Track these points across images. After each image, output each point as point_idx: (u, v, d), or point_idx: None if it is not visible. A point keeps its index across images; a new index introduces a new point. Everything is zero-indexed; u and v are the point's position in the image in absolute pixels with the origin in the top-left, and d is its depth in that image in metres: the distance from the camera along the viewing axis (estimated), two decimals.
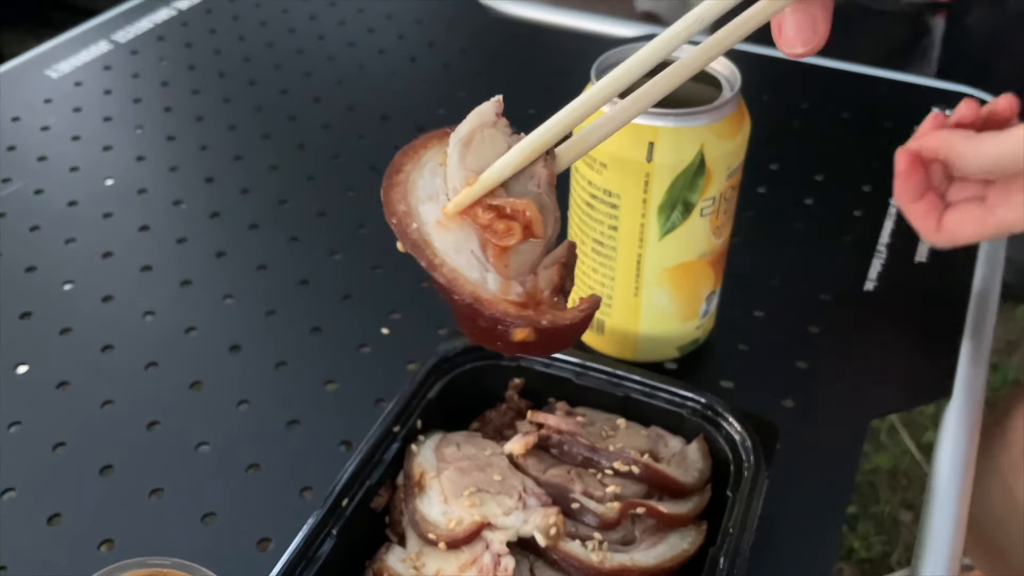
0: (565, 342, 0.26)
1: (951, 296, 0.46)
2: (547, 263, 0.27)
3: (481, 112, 0.29)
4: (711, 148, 0.36)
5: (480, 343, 0.27)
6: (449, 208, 0.26)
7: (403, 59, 0.68)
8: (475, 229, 0.26)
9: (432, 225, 0.26)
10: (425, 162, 0.29)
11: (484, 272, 0.26)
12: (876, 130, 0.59)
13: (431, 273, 0.26)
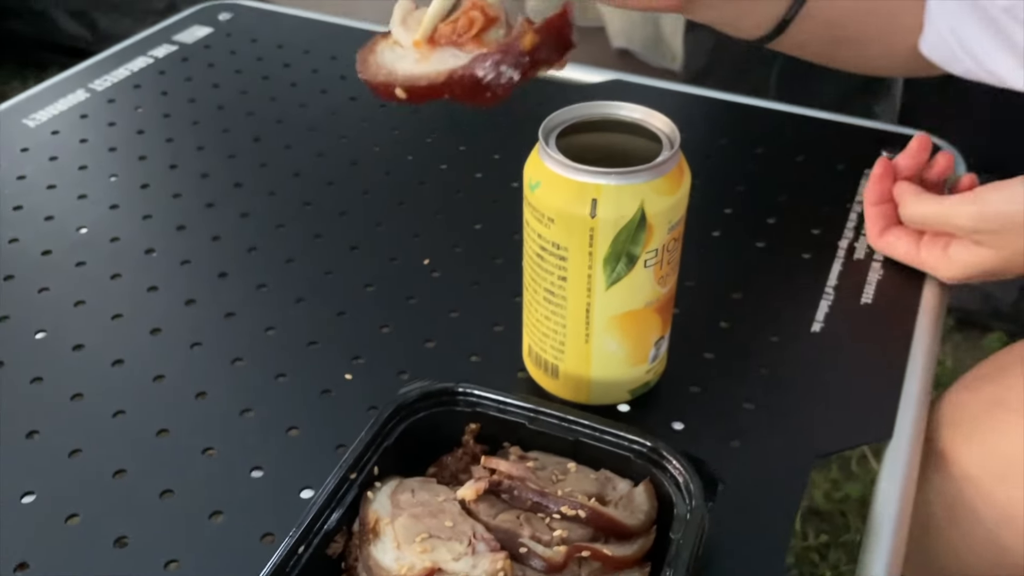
0: (567, 31, 0.35)
1: (894, 337, 0.48)
2: (516, 33, 0.36)
3: (401, 5, 0.39)
4: (651, 204, 0.37)
5: (503, 94, 0.37)
6: (419, 38, 0.37)
7: (373, 106, 0.70)
8: (447, 44, 0.36)
9: (413, 65, 0.37)
10: (381, 50, 0.39)
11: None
12: (828, 174, 0.61)
13: (438, 93, 0.36)
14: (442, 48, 0.37)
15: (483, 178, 0.62)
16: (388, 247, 0.55)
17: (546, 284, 0.41)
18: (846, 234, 0.56)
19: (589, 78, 0.73)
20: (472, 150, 0.65)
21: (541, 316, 0.42)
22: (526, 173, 0.40)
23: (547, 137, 0.39)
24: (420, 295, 0.52)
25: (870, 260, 0.54)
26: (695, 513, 0.35)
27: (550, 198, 0.38)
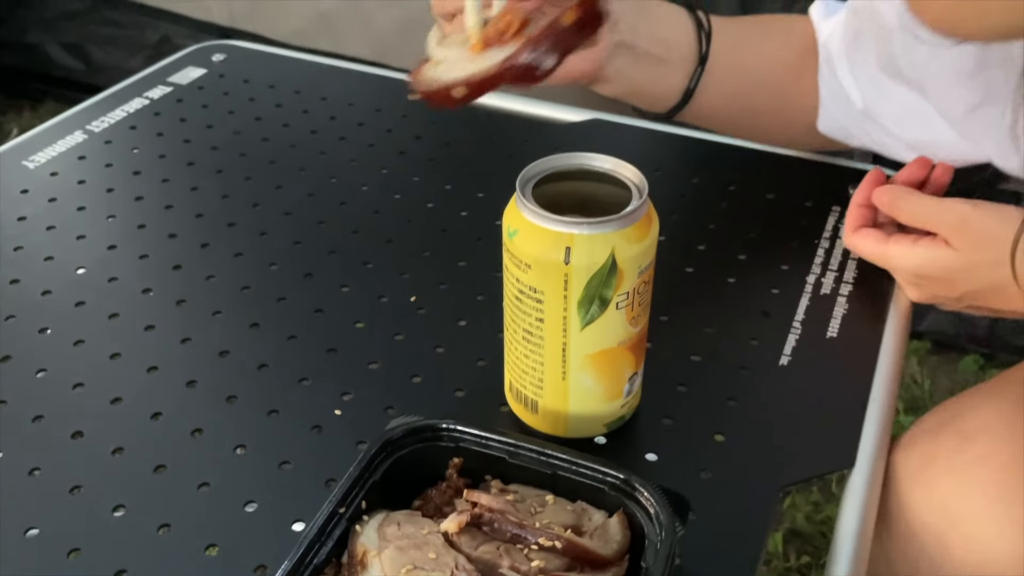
0: (599, 5, 0.47)
1: (857, 370, 0.51)
2: (556, 15, 0.47)
3: (433, 34, 0.52)
4: (621, 251, 0.40)
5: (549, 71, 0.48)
6: (475, 42, 0.48)
7: (363, 145, 0.72)
8: (495, 45, 0.47)
9: (465, 68, 0.47)
10: (425, 71, 0.50)
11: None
12: (798, 210, 0.64)
13: (494, 83, 0.47)
14: (489, 51, 0.47)
15: (468, 216, 0.65)
16: (376, 285, 0.58)
17: (525, 325, 0.43)
18: (814, 269, 0.58)
19: (570, 117, 0.76)
20: (457, 189, 0.68)
21: (520, 354, 0.44)
22: (505, 221, 0.42)
23: (524, 188, 0.42)
24: (407, 332, 0.54)
25: (836, 295, 0.56)
26: (665, 542, 0.37)
27: (527, 245, 0.41)
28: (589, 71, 0.54)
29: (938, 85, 0.51)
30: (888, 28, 0.53)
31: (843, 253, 0.60)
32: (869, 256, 0.57)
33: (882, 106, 0.58)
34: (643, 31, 0.56)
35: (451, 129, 0.75)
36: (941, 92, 0.51)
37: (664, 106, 0.61)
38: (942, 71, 0.51)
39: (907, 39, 0.52)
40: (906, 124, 0.57)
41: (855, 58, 0.58)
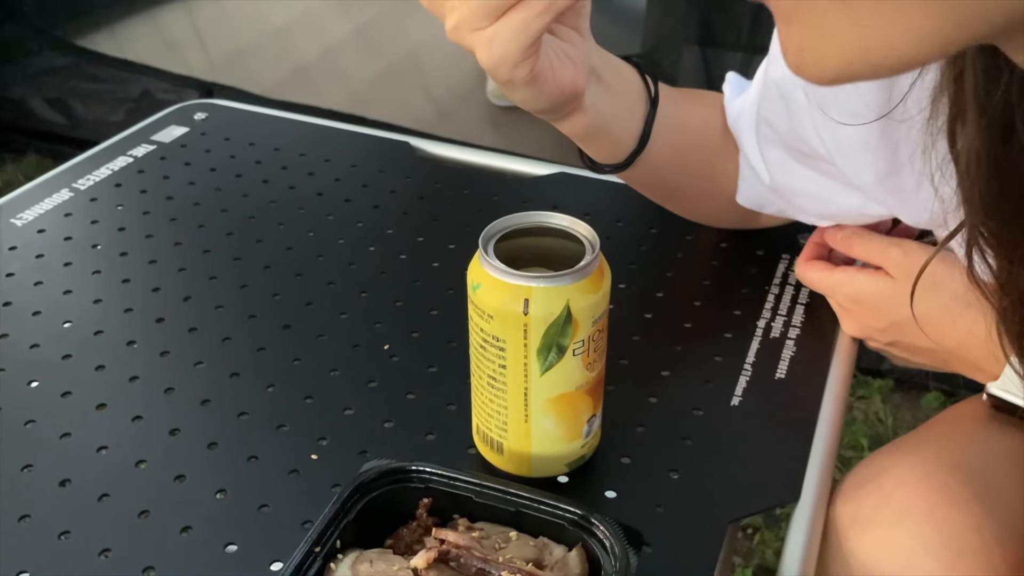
0: None
1: (803, 409, 0.54)
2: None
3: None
4: (576, 302, 0.43)
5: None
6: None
7: (339, 201, 0.76)
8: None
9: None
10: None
11: None
12: (750, 259, 0.68)
13: None
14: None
15: (439, 267, 0.68)
16: (352, 335, 0.61)
17: (489, 371, 0.46)
18: (764, 314, 0.62)
19: (537, 171, 0.80)
20: (430, 241, 0.71)
21: (485, 399, 0.47)
22: (469, 276, 0.45)
23: (486, 245, 0.45)
24: (381, 379, 0.57)
25: (784, 339, 0.60)
26: (619, 572, 0.40)
27: (489, 298, 0.44)
28: (581, 87, 0.52)
29: (847, 157, 0.55)
30: (797, 106, 0.56)
31: (791, 299, 0.64)
32: (816, 282, 0.61)
33: (789, 185, 0.61)
34: (605, 62, 0.56)
35: (424, 183, 0.78)
36: (850, 163, 0.55)
37: (622, 151, 0.60)
38: (850, 144, 0.54)
39: (816, 115, 0.55)
40: (812, 202, 0.61)
41: (763, 137, 0.60)
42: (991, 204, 0.39)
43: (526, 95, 0.49)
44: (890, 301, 0.58)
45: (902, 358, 0.61)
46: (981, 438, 0.58)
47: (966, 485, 0.51)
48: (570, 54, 0.50)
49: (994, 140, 0.38)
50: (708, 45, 1.29)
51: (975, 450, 0.56)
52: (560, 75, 0.49)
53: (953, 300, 0.55)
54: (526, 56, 0.45)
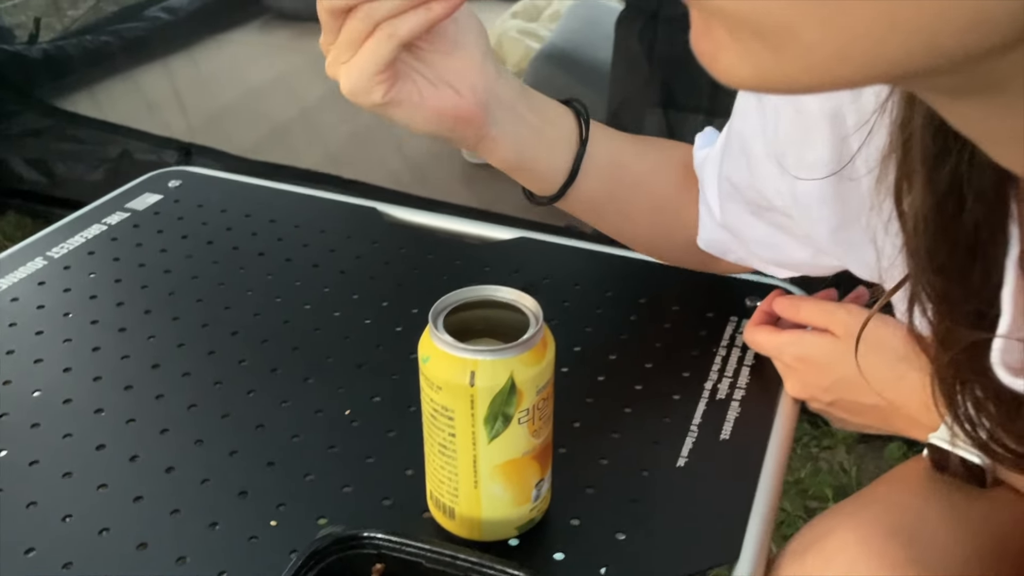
0: None
1: (746, 469, 0.57)
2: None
3: None
4: (520, 373, 0.46)
5: None
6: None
7: (307, 266, 0.78)
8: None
9: None
10: None
11: None
12: (700, 321, 0.71)
13: None
14: None
15: (402, 331, 0.70)
16: (315, 400, 0.63)
17: (439, 439, 0.48)
18: (711, 376, 0.65)
19: (500, 235, 0.83)
20: (393, 305, 0.74)
21: (437, 466, 0.50)
22: (420, 349, 0.48)
23: (435, 320, 0.48)
24: (341, 444, 0.59)
25: (730, 400, 0.63)
26: None
27: (438, 370, 0.46)
28: (465, 111, 0.55)
29: (804, 209, 0.58)
30: (756, 159, 0.59)
31: (738, 360, 0.66)
32: (763, 344, 0.65)
33: (744, 233, 0.64)
34: (528, 100, 0.60)
35: (390, 248, 0.81)
36: (806, 215, 0.58)
37: (551, 186, 0.63)
38: (806, 196, 0.57)
39: (773, 169, 0.59)
40: (767, 251, 0.65)
41: (723, 192, 0.64)
42: (936, 263, 0.41)
43: (399, 118, 0.54)
44: (835, 359, 0.61)
45: (841, 419, 0.63)
46: (920, 500, 0.59)
47: (905, 549, 0.53)
48: (453, 83, 0.55)
49: (941, 205, 0.40)
50: (671, 107, 1.34)
51: (915, 513, 0.58)
52: (432, 100, 0.54)
53: (896, 358, 0.58)
54: (378, 81, 0.51)
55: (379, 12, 0.49)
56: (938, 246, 0.41)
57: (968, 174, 0.38)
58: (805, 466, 1.30)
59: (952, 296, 0.42)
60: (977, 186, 0.38)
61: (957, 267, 0.41)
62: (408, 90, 0.53)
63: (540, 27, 2.32)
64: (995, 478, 0.58)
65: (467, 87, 0.55)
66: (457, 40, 0.55)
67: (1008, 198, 0.39)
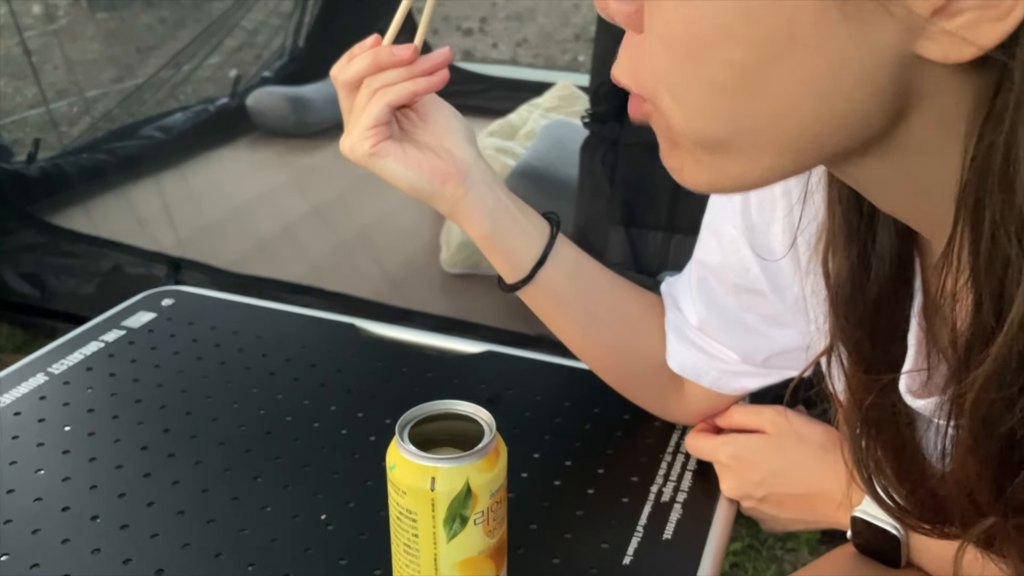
0: None
1: (685, 566, 0.63)
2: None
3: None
4: (475, 479, 0.52)
5: None
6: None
7: (288, 380, 0.85)
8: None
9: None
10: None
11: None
12: (649, 429, 0.77)
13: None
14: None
15: (375, 440, 0.77)
16: (293, 505, 0.68)
17: (404, 539, 0.54)
18: (657, 480, 0.71)
19: (468, 349, 0.90)
20: (368, 416, 0.80)
21: (403, 564, 0.55)
22: (388, 458, 0.55)
23: (401, 431, 0.54)
24: (316, 546, 0.64)
25: (673, 502, 0.69)
26: None
27: (403, 476, 0.53)
28: (441, 171, 0.65)
29: (774, 285, 0.65)
30: (726, 239, 0.66)
31: (682, 466, 0.73)
32: (702, 448, 0.72)
33: (723, 328, 0.69)
34: (496, 179, 0.68)
35: (367, 363, 0.88)
36: (775, 288, 0.64)
37: (521, 268, 0.68)
38: (777, 275, 0.64)
39: (744, 249, 0.65)
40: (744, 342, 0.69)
41: (704, 285, 0.69)
42: (853, 318, 0.48)
43: (384, 170, 0.64)
44: (765, 452, 0.69)
45: (770, 519, 0.70)
46: None
47: None
48: (435, 150, 0.66)
49: (854, 267, 0.48)
50: (632, 225, 1.45)
51: None
52: (413, 156, 0.64)
53: (820, 448, 0.67)
54: (368, 135, 0.63)
55: (376, 82, 0.62)
56: (854, 302, 0.49)
57: (874, 240, 0.47)
58: (770, 568, 1.34)
59: (863, 345, 0.49)
60: (882, 250, 0.48)
61: (869, 318, 0.49)
62: (393, 147, 0.64)
63: (516, 145, 2.46)
64: (908, 560, 0.64)
65: (447, 154, 0.66)
66: (445, 127, 0.67)
67: (911, 258, 0.48)
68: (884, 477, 0.50)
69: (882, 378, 0.48)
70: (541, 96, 2.80)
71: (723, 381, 0.71)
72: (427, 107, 0.67)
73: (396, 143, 0.64)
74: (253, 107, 2.72)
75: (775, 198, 0.62)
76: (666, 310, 0.74)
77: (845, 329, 0.50)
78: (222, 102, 2.76)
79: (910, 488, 0.50)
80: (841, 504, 0.65)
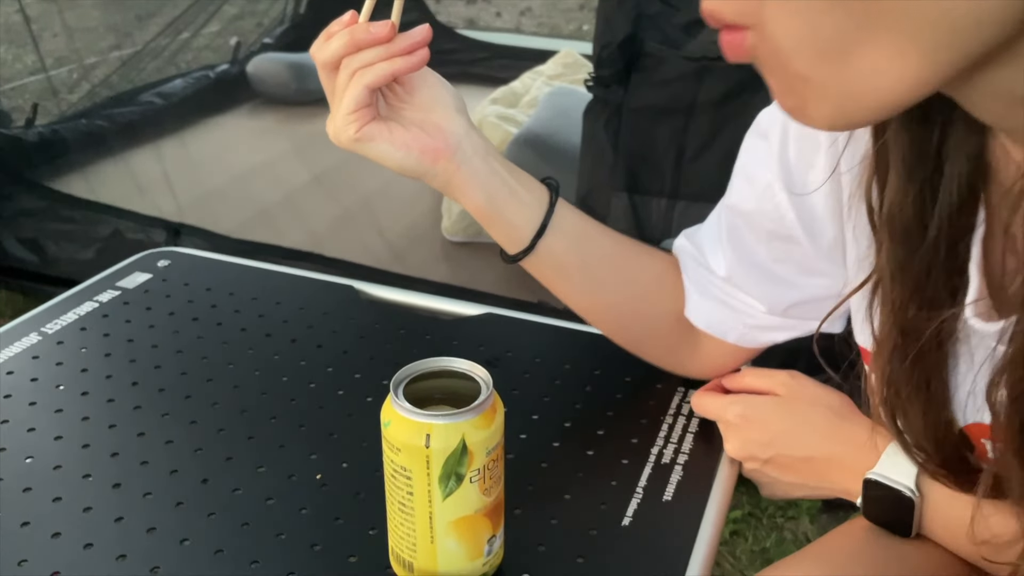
0: None
1: (685, 528, 0.61)
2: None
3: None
4: (470, 436, 0.51)
5: None
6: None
7: (285, 341, 0.84)
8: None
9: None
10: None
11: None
12: (650, 391, 0.76)
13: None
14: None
15: (373, 402, 0.75)
16: (288, 466, 0.67)
17: (399, 497, 0.53)
18: (657, 442, 0.70)
19: (467, 311, 0.89)
20: (365, 377, 0.79)
21: (397, 523, 0.54)
22: (382, 414, 0.53)
23: (396, 388, 0.53)
24: (311, 506, 0.63)
25: (674, 464, 0.68)
26: None
27: (397, 433, 0.52)
28: (431, 148, 0.63)
29: (809, 231, 0.64)
30: (760, 185, 0.64)
31: (683, 428, 0.72)
32: (709, 407, 0.71)
33: (746, 280, 0.68)
34: (489, 148, 0.65)
35: (365, 324, 0.87)
36: (810, 233, 0.64)
37: (521, 239, 0.67)
38: (812, 220, 0.63)
39: (786, 204, 0.63)
40: (776, 290, 0.68)
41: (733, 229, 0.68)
42: (911, 247, 0.48)
43: (372, 153, 0.62)
44: (776, 412, 0.67)
45: (772, 483, 0.68)
46: (854, 557, 0.64)
47: None
48: (423, 127, 0.63)
49: (918, 195, 0.47)
50: (635, 192, 1.43)
51: (848, 569, 0.63)
52: (400, 135, 0.62)
53: (832, 413, 0.66)
54: (352, 120, 0.61)
55: (354, 63, 0.60)
56: (915, 233, 0.48)
57: (942, 169, 0.47)
58: (771, 536, 1.34)
59: (920, 276, 0.48)
60: (951, 177, 0.46)
61: (932, 248, 0.48)
62: (379, 129, 0.62)
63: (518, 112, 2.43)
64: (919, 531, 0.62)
65: (436, 130, 0.64)
66: (432, 99, 0.64)
67: (979, 187, 0.47)
68: (909, 421, 0.50)
69: (942, 312, 0.48)
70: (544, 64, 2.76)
71: (749, 336, 0.70)
72: (413, 80, 0.63)
73: (382, 124, 0.62)
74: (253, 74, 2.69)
75: (818, 139, 0.60)
76: (683, 267, 0.72)
77: (902, 260, 0.49)
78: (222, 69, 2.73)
79: (936, 433, 0.50)
80: (851, 473, 0.63)
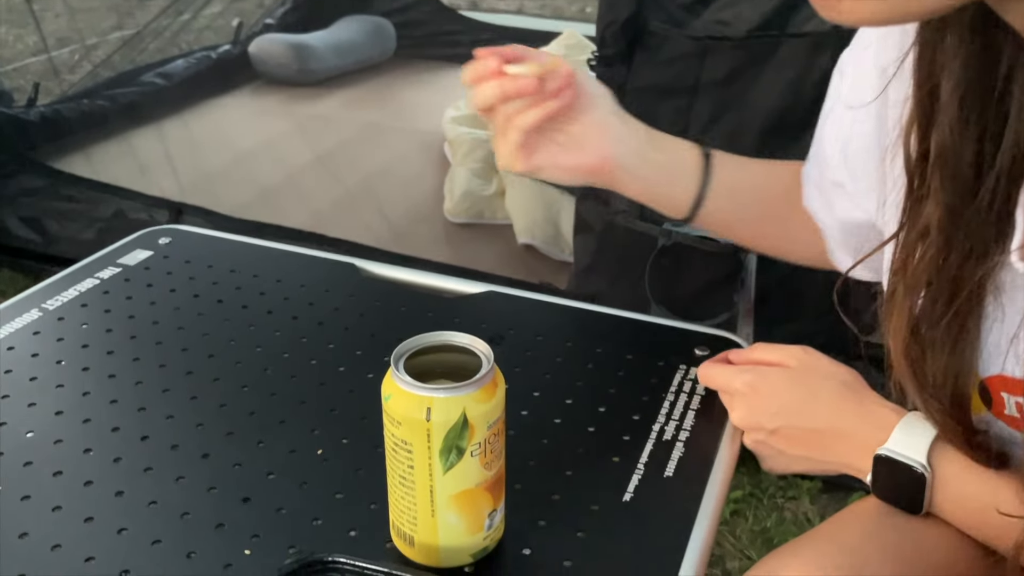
0: None
1: (686, 505, 0.61)
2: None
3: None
4: (471, 409, 0.51)
5: None
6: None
7: (286, 318, 0.83)
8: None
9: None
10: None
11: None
12: (651, 369, 0.76)
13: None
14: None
15: (373, 378, 0.75)
16: (289, 441, 0.67)
17: (400, 471, 0.53)
18: (659, 419, 0.70)
19: (469, 289, 0.88)
20: (366, 355, 0.79)
21: (398, 496, 0.54)
22: (383, 388, 0.53)
23: (396, 361, 0.53)
24: (312, 481, 0.63)
25: (675, 441, 0.68)
26: None
27: (398, 407, 0.51)
28: (593, 164, 0.71)
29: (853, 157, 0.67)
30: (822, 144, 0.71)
31: (684, 405, 0.72)
32: (717, 378, 0.70)
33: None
34: (655, 143, 0.73)
35: (366, 302, 0.86)
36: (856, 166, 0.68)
37: (681, 211, 0.75)
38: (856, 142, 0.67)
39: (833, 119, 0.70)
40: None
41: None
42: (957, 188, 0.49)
43: (543, 178, 0.72)
44: (786, 383, 0.67)
45: (774, 456, 0.68)
46: (866, 537, 0.64)
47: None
48: (580, 144, 0.71)
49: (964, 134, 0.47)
50: None
51: (859, 549, 0.62)
52: (562, 161, 0.71)
53: (844, 386, 0.66)
54: (516, 157, 0.69)
55: (509, 110, 0.68)
56: (969, 176, 0.49)
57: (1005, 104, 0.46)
58: (771, 516, 1.34)
59: (972, 225, 0.49)
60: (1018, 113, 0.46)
61: (987, 194, 0.48)
62: (543, 158, 0.70)
63: None
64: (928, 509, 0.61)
65: (592, 146, 0.71)
66: (586, 107, 0.70)
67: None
68: (929, 369, 0.52)
69: (988, 260, 0.49)
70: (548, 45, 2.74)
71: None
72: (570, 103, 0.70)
73: (545, 152, 0.70)
74: (255, 54, 2.67)
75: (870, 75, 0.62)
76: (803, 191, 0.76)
77: (953, 207, 0.50)
78: (224, 49, 2.71)
79: (956, 384, 0.50)
80: (858, 448, 0.63)
